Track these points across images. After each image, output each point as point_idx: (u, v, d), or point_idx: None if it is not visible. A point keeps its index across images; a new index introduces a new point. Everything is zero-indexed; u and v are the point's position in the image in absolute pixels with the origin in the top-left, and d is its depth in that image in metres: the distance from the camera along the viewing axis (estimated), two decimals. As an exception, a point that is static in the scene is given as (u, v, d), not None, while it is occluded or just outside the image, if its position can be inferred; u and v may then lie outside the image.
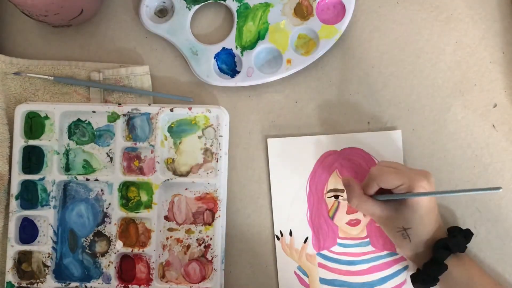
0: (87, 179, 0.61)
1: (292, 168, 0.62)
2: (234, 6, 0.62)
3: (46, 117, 0.62)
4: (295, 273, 0.61)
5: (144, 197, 0.61)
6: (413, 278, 0.56)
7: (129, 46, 0.64)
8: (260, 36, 0.62)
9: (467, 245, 0.56)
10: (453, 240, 0.54)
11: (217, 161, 0.61)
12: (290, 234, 0.61)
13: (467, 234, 0.57)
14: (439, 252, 0.53)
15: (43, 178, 0.61)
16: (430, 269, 0.54)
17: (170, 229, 0.61)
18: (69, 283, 0.60)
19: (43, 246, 0.60)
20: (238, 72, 0.62)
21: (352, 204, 0.55)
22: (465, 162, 0.62)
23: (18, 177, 0.60)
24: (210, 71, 0.62)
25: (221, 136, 0.61)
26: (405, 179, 0.52)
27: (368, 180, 0.55)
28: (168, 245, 0.61)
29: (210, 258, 0.61)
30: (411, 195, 0.52)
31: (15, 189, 0.60)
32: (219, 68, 0.63)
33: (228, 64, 0.63)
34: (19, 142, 0.60)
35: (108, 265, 0.60)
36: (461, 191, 0.51)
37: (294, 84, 0.63)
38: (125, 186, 0.61)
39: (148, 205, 0.61)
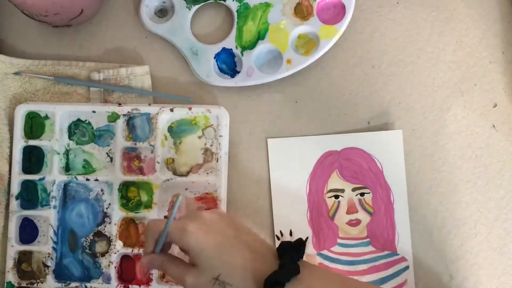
0: (87, 179, 0.61)
1: (292, 168, 0.62)
2: (234, 6, 0.62)
3: (46, 117, 0.62)
4: (295, 273, 0.61)
5: (144, 197, 0.61)
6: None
7: (129, 46, 0.64)
8: (260, 36, 0.62)
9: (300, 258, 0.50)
10: (282, 271, 0.47)
11: (217, 161, 0.61)
12: (290, 234, 0.61)
13: (299, 248, 0.49)
14: (279, 274, 0.46)
15: (43, 178, 0.61)
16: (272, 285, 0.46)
17: (170, 229, 0.61)
18: (69, 283, 0.60)
19: (43, 246, 0.60)
20: (238, 72, 0.62)
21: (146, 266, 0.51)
22: (465, 162, 0.62)
23: (18, 177, 0.60)
24: (210, 71, 0.62)
25: (221, 136, 0.61)
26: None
27: (145, 235, 0.51)
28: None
29: (210, 258, 0.61)
30: (163, 233, 0.49)
31: (15, 189, 0.60)
32: (219, 68, 0.63)
33: (228, 64, 0.63)
34: (19, 142, 0.60)
35: (108, 265, 0.60)
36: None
37: (294, 84, 0.63)
38: (125, 186, 0.61)
39: (148, 205, 0.61)
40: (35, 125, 0.62)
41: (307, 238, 0.61)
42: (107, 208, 0.61)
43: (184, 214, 0.47)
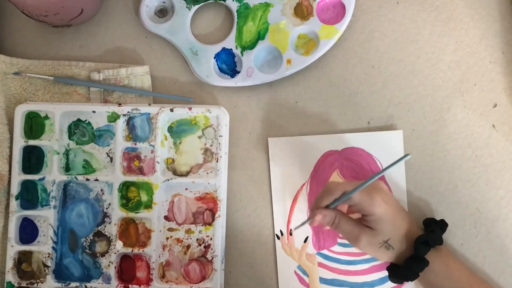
0: (87, 179, 0.61)
1: (292, 167, 0.62)
2: (234, 6, 0.62)
3: (46, 117, 0.62)
4: (295, 272, 0.61)
5: (144, 197, 0.61)
6: (393, 272, 0.57)
7: (129, 46, 0.64)
8: (260, 36, 0.62)
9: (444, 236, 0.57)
10: (432, 235, 0.55)
11: (217, 161, 0.61)
12: (290, 234, 0.61)
13: (443, 226, 0.58)
14: (420, 248, 0.54)
15: (43, 178, 0.61)
16: (412, 265, 0.54)
17: (170, 229, 0.61)
18: (69, 283, 0.60)
19: (43, 246, 0.60)
20: (238, 72, 0.62)
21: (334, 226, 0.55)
22: (465, 162, 0.62)
23: (18, 177, 0.60)
24: (210, 71, 0.62)
25: (221, 136, 0.61)
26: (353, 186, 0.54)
27: (322, 193, 0.56)
28: (168, 245, 0.61)
29: (210, 258, 0.61)
30: (348, 195, 0.53)
31: (15, 189, 0.60)
32: (219, 68, 0.63)
33: (228, 64, 0.63)
34: (19, 142, 0.60)
35: (108, 265, 0.60)
36: (381, 172, 0.53)
37: (294, 84, 0.63)
38: (125, 186, 0.61)
39: (148, 205, 0.61)
40: (35, 125, 0.62)
41: (307, 237, 0.61)
42: (107, 208, 0.61)
43: (368, 185, 0.54)
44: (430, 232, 0.56)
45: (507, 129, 0.62)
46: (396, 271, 0.56)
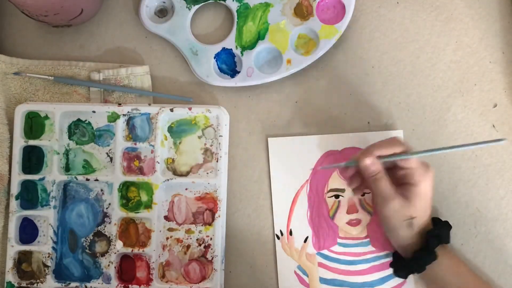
0: (87, 179, 0.61)
1: (292, 167, 0.62)
2: (234, 6, 0.62)
3: (46, 117, 0.62)
4: (295, 272, 0.61)
5: (144, 197, 0.61)
6: (400, 265, 0.57)
7: (129, 46, 0.64)
8: (260, 36, 0.62)
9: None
10: (443, 230, 0.56)
11: (217, 161, 0.61)
12: (290, 233, 0.61)
13: (448, 226, 0.58)
14: (432, 241, 0.54)
15: (43, 178, 0.61)
16: (421, 257, 0.54)
17: (170, 229, 0.61)
18: (69, 283, 0.60)
19: (43, 246, 0.60)
20: (238, 72, 0.62)
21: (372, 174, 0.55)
22: (465, 162, 0.62)
23: (18, 177, 0.60)
24: (210, 71, 0.62)
25: (221, 136, 0.61)
26: (406, 147, 0.54)
27: (383, 142, 0.55)
28: (168, 245, 0.61)
29: (210, 258, 0.61)
30: (409, 155, 0.53)
31: (15, 189, 0.60)
32: (219, 68, 0.63)
33: (228, 64, 0.63)
34: (19, 142, 0.60)
35: (108, 265, 0.60)
36: (462, 146, 0.52)
37: (294, 84, 0.63)
38: (125, 186, 0.61)
39: (148, 205, 0.61)
40: (35, 125, 0.62)
41: (307, 237, 0.61)
42: (107, 208, 0.61)
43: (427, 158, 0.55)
44: (441, 228, 0.56)
45: (507, 129, 0.62)
46: (403, 263, 0.56)
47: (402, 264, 0.57)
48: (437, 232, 0.55)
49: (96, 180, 0.61)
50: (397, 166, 0.55)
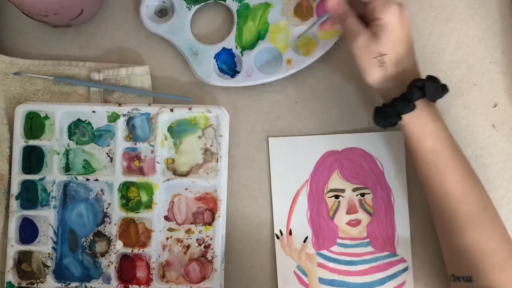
0: (87, 179, 0.61)
1: (292, 167, 0.62)
2: (234, 6, 0.62)
3: (46, 117, 0.62)
4: (295, 272, 0.61)
5: (144, 197, 0.61)
6: (377, 110, 0.55)
7: (129, 46, 0.64)
8: (260, 36, 0.62)
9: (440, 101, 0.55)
10: (430, 83, 0.52)
11: (217, 161, 0.61)
12: (290, 233, 0.61)
13: (444, 88, 0.54)
14: (413, 90, 0.51)
15: (43, 178, 0.61)
16: (397, 104, 0.52)
17: (170, 229, 0.61)
18: (69, 283, 0.60)
19: (43, 246, 0.60)
20: (238, 72, 0.62)
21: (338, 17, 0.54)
22: (465, 162, 0.62)
23: (18, 177, 0.60)
24: (210, 71, 0.62)
25: (221, 136, 0.61)
26: None
27: None
28: (168, 245, 0.61)
29: (210, 258, 0.61)
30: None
31: (15, 189, 0.60)
32: (219, 68, 0.63)
33: (228, 64, 0.63)
34: (19, 142, 0.60)
35: (108, 265, 0.60)
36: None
37: (294, 84, 0.63)
38: (125, 186, 0.61)
39: (148, 205, 0.61)
40: (35, 125, 0.62)
41: (307, 237, 0.61)
42: (107, 208, 0.61)
43: None
44: (429, 80, 0.52)
45: (507, 129, 0.62)
46: (380, 108, 0.54)
47: (381, 110, 0.54)
48: (420, 83, 0.51)
49: (96, 180, 0.61)
50: (363, 2, 0.53)
